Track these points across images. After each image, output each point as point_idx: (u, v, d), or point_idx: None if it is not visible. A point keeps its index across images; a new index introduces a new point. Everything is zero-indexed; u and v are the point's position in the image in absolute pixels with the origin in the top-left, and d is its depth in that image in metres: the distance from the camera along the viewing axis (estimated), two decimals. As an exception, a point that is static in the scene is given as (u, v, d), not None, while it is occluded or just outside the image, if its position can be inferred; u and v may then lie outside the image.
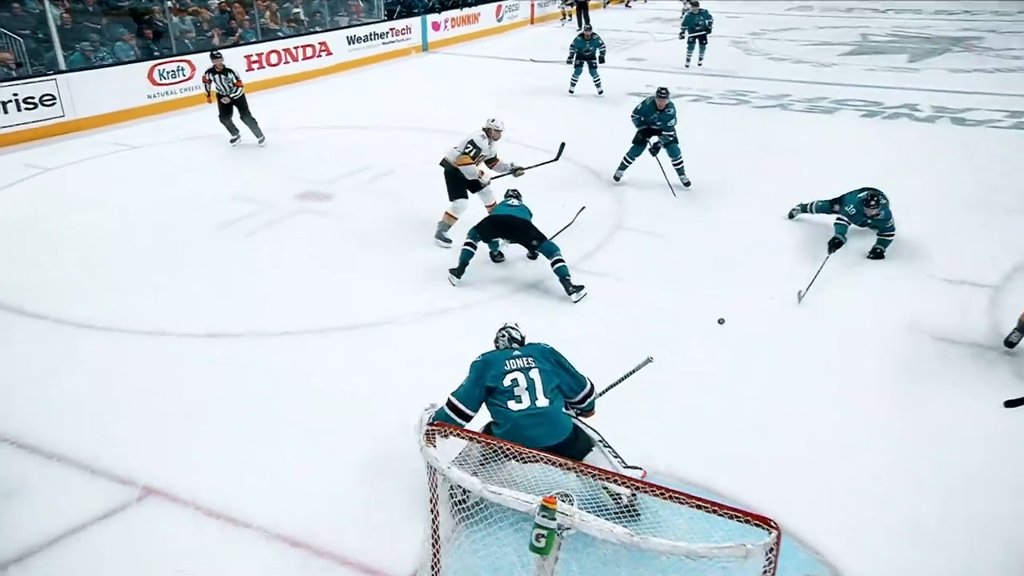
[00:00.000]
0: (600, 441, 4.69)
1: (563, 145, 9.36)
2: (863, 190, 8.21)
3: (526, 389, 4.60)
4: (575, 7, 24.19)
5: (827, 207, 8.82)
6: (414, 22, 20.24)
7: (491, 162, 8.68)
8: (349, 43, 18.17)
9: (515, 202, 7.83)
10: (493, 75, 18.02)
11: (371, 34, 18.84)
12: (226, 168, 11.47)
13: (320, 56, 17.35)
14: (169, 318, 6.99)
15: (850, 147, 12.77)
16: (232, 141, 12.29)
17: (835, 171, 11.10)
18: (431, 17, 20.78)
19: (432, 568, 3.85)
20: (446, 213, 8.53)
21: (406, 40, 19.96)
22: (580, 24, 23.38)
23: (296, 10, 17.95)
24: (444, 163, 8.54)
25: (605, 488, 4.12)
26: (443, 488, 3.73)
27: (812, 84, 17.05)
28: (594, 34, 15.49)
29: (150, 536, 4.57)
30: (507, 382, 4.62)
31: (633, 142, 10.26)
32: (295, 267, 8.24)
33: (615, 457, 4.61)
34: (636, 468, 4.59)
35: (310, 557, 4.49)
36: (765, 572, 3.06)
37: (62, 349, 6.57)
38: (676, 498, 3.23)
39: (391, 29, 19.46)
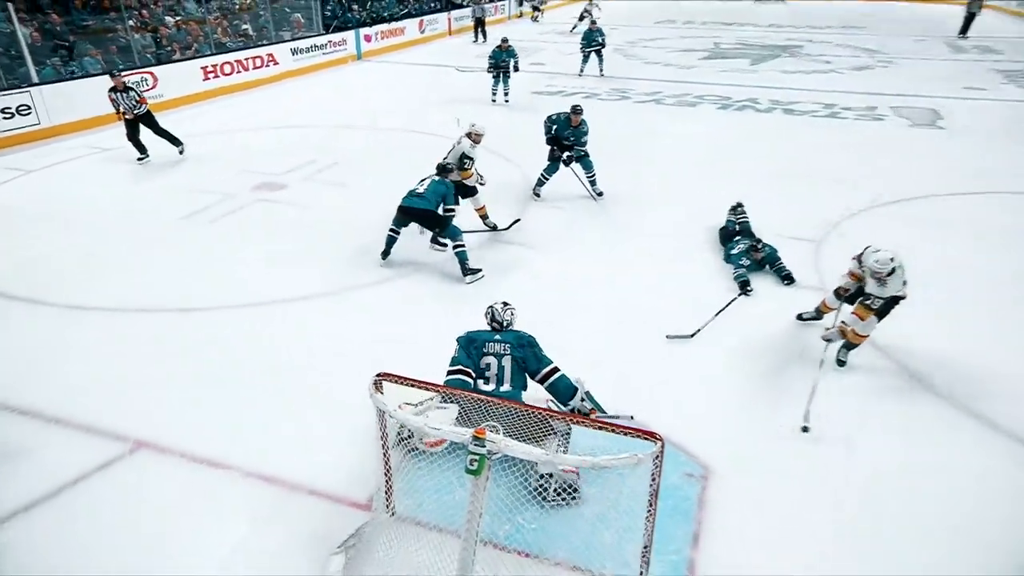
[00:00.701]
0: (564, 434, 4.44)
1: (517, 220, 8.64)
2: (747, 244, 7.41)
3: (495, 374, 4.58)
4: (475, 23, 23.98)
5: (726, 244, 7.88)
6: (349, 35, 20.13)
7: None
8: (293, 54, 17.95)
9: (421, 189, 7.27)
10: (418, 79, 18.04)
11: (312, 46, 18.65)
12: (188, 165, 11.14)
13: (268, 66, 17.04)
14: (148, 296, 6.88)
15: (709, 132, 13.42)
16: (139, 160, 10.86)
17: (699, 150, 11.68)
18: (363, 30, 20.69)
19: (386, 492, 3.72)
20: (490, 228, 8.24)
21: (342, 50, 19.82)
22: (477, 38, 23.60)
23: (245, 26, 17.66)
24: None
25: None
26: (392, 427, 3.57)
27: (678, 83, 17.71)
28: (510, 46, 14.91)
29: (143, 481, 4.53)
30: (482, 364, 4.60)
31: (548, 159, 9.40)
32: (255, 247, 8.11)
33: (562, 448, 4.36)
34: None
35: (283, 491, 4.45)
36: (653, 474, 3.24)
37: (55, 328, 6.40)
38: (582, 423, 3.52)
39: (329, 41, 19.31)
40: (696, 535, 4.19)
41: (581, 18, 23.67)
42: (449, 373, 4.57)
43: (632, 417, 4.86)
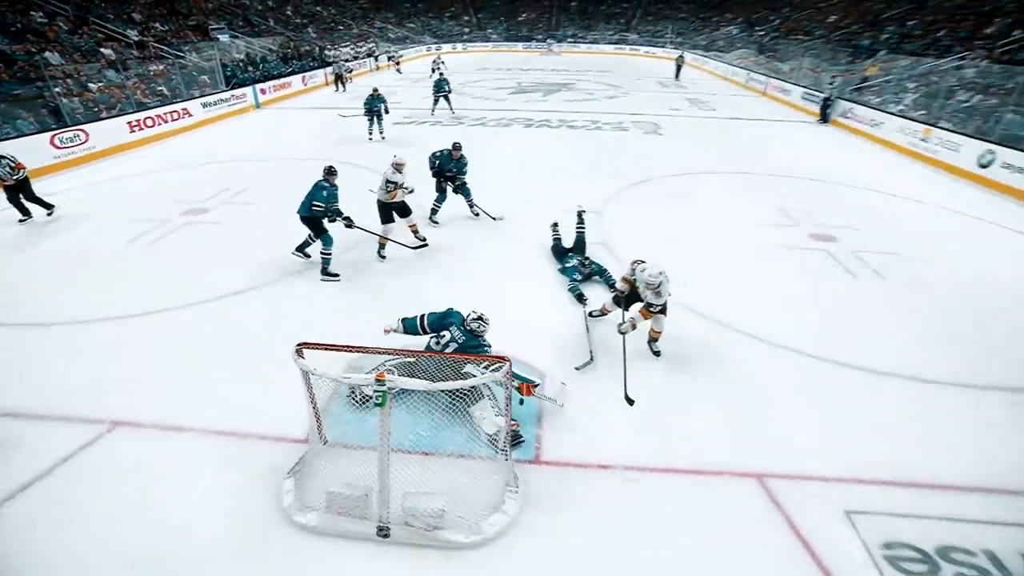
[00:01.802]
0: (491, 398, 4.12)
1: (424, 244, 7.18)
2: (577, 259, 6.42)
3: (443, 345, 4.34)
4: (335, 77, 21.91)
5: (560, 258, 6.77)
6: (248, 89, 17.59)
7: (402, 186, 6.82)
8: (204, 107, 15.45)
9: (315, 204, 6.05)
10: (308, 121, 16.02)
11: (219, 99, 16.13)
12: (126, 200, 9.28)
13: (184, 117, 14.56)
14: (109, 306, 5.89)
15: (521, 144, 13.11)
16: (20, 221, 8.04)
17: (518, 158, 11.41)
18: (259, 85, 18.24)
19: (318, 430, 3.35)
20: (380, 236, 6.84)
21: (244, 101, 17.29)
22: (337, 88, 21.56)
23: (160, 87, 15.12)
24: (377, 202, 6.80)
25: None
26: (316, 384, 3.20)
27: (498, 110, 17.07)
28: (380, 93, 13.11)
29: (123, 451, 4.04)
30: (442, 332, 4.38)
31: (436, 190, 7.93)
32: (191, 258, 7.06)
33: (493, 408, 4.05)
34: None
35: (238, 440, 4.04)
36: (507, 388, 3.29)
37: (36, 341, 5.38)
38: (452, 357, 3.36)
39: (232, 95, 16.77)
40: (539, 421, 4.19)
41: (434, 70, 22.20)
42: (420, 315, 4.44)
43: (564, 384, 4.52)
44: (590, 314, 5.63)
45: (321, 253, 6.33)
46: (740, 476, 3.86)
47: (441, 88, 15.70)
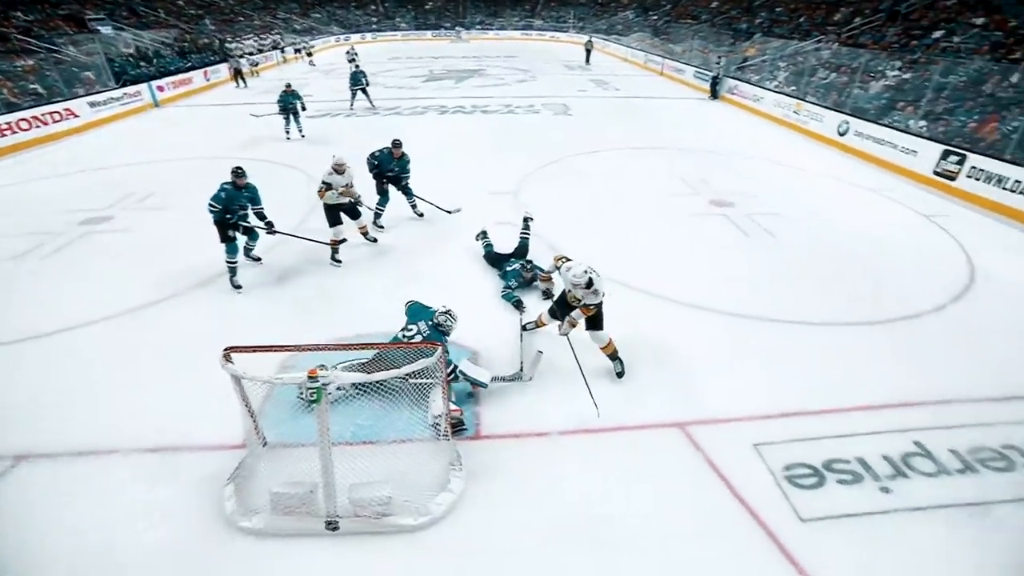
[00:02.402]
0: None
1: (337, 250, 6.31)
2: (520, 264, 5.88)
3: (411, 336, 4.22)
4: (234, 72, 19.82)
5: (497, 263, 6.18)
6: (143, 86, 15.54)
7: (349, 187, 6.14)
8: (92, 107, 13.44)
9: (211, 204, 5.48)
10: (212, 119, 14.48)
11: (109, 98, 14.12)
12: (5, 212, 8.07)
13: (68, 119, 12.57)
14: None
15: (438, 131, 12.70)
16: None
17: (435, 145, 11.18)
18: (155, 82, 16.16)
19: (256, 432, 3.15)
20: (331, 239, 6.22)
21: (139, 100, 15.27)
22: (237, 84, 19.56)
23: (33, 86, 12.91)
24: (324, 205, 6.15)
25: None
26: (247, 387, 3.00)
27: (412, 99, 16.45)
28: (293, 89, 11.77)
29: (32, 485, 3.61)
30: (413, 328, 4.22)
31: (378, 192, 7.07)
32: (98, 271, 6.31)
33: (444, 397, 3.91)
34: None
35: (169, 454, 3.70)
36: (440, 372, 3.24)
37: None
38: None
39: (124, 93, 14.73)
40: (478, 399, 4.19)
41: (350, 61, 20.30)
42: (409, 301, 4.47)
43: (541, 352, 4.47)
44: (524, 327, 5.05)
45: (226, 261, 5.68)
46: (664, 427, 4.07)
47: (358, 81, 14.64)
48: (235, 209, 5.51)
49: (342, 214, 6.23)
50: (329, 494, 3.09)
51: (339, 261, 6.26)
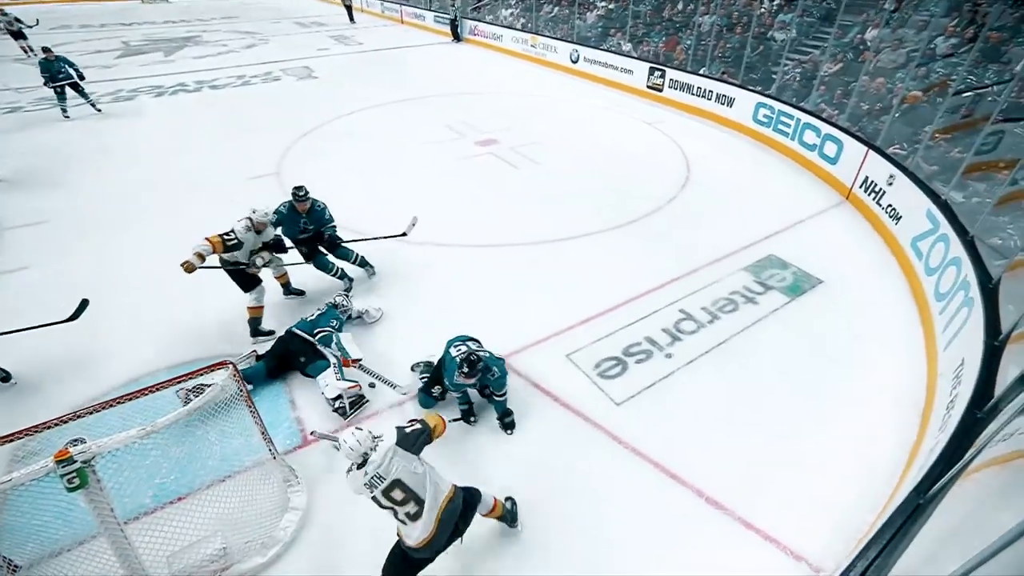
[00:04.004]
0: (335, 365, 3.96)
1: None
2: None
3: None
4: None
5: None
6: None
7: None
8: None
9: None
10: None
11: None
12: None
13: None
14: None
15: (158, 118, 10.38)
16: None
17: (162, 134, 9.18)
18: None
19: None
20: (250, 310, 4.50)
21: None
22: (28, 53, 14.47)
23: None
24: (232, 271, 4.45)
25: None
26: None
27: (106, 82, 12.83)
28: (57, 56, 9.25)
29: None
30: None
31: (308, 261, 4.96)
32: None
33: (336, 375, 3.90)
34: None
35: None
36: (240, 387, 2.86)
37: None
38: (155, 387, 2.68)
39: None
40: (293, 404, 3.82)
41: (11, 32, 14.89)
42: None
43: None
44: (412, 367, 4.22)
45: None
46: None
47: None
48: None
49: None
50: (142, 580, 2.54)
51: (269, 333, 4.52)
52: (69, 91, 9.74)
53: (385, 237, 5.29)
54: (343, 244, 4.98)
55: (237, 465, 3.21)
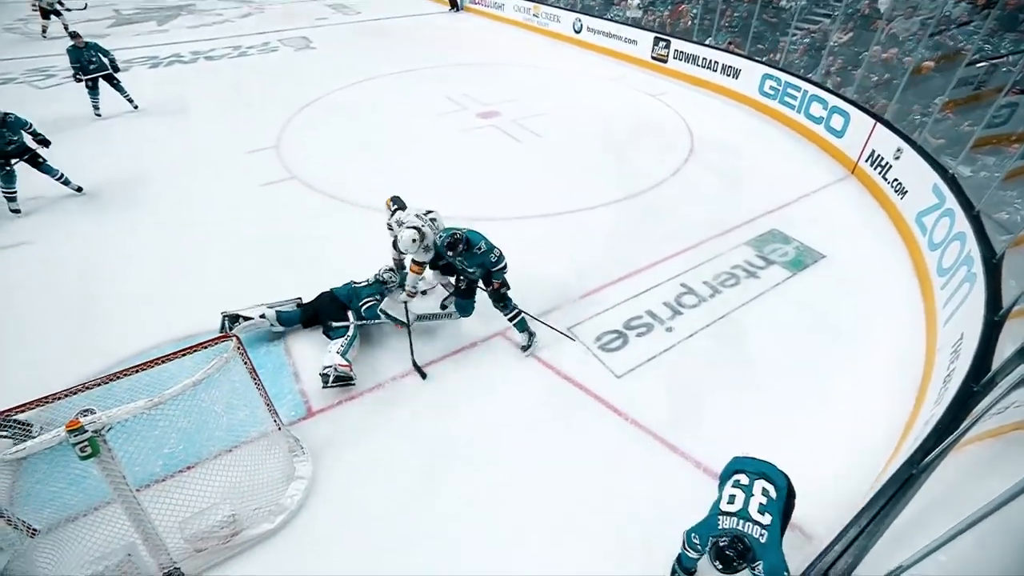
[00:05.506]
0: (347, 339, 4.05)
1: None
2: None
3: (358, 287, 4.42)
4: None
5: None
6: None
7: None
8: None
9: None
10: None
11: None
12: None
13: None
14: None
15: (155, 89, 10.03)
16: None
17: (157, 108, 9.08)
18: None
19: (13, 525, 2.46)
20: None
21: None
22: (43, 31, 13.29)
23: None
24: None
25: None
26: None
27: None
28: (87, 42, 7.96)
29: None
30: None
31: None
32: None
33: (340, 347, 3.94)
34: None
35: None
36: (244, 359, 2.90)
37: None
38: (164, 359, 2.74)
39: None
40: (297, 377, 3.87)
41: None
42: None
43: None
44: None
45: None
46: (493, 338, 4.33)
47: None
48: None
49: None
50: (155, 546, 2.62)
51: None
52: (102, 83, 8.31)
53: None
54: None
55: (243, 436, 3.27)
